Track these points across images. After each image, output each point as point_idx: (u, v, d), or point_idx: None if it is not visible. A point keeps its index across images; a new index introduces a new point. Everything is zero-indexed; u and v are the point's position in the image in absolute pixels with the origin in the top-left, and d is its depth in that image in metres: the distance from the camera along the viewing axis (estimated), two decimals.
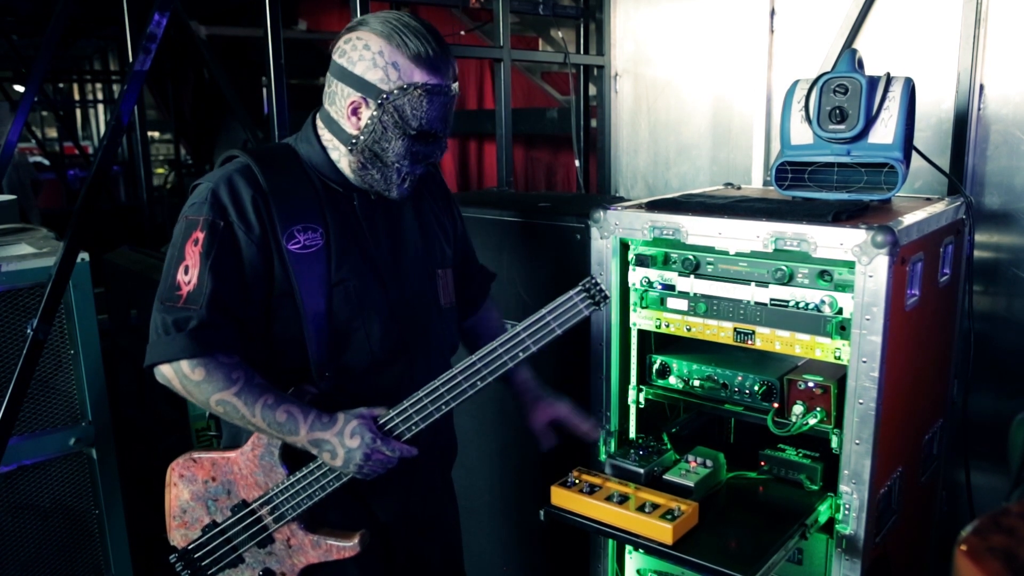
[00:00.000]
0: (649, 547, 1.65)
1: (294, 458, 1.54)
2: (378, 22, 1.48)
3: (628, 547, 2.16)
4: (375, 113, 1.48)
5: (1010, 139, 2.44)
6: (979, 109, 2.47)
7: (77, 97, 12.67)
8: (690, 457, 1.90)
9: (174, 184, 8.03)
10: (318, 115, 1.60)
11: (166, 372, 1.47)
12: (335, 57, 1.52)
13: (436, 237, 1.73)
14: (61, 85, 12.25)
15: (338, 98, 1.52)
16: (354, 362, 1.56)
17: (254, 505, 1.57)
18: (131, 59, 2.72)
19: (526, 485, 2.51)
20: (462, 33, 4.35)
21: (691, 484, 1.79)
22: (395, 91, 1.46)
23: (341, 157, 1.57)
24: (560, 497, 1.79)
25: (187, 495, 1.62)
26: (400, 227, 1.66)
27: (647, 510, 1.68)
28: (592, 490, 1.76)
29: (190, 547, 1.63)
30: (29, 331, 2.19)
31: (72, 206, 5.24)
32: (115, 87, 10.94)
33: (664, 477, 1.84)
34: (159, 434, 3.56)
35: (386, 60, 1.45)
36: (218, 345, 1.46)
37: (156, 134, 10.71)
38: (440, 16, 4.65)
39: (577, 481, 1.80)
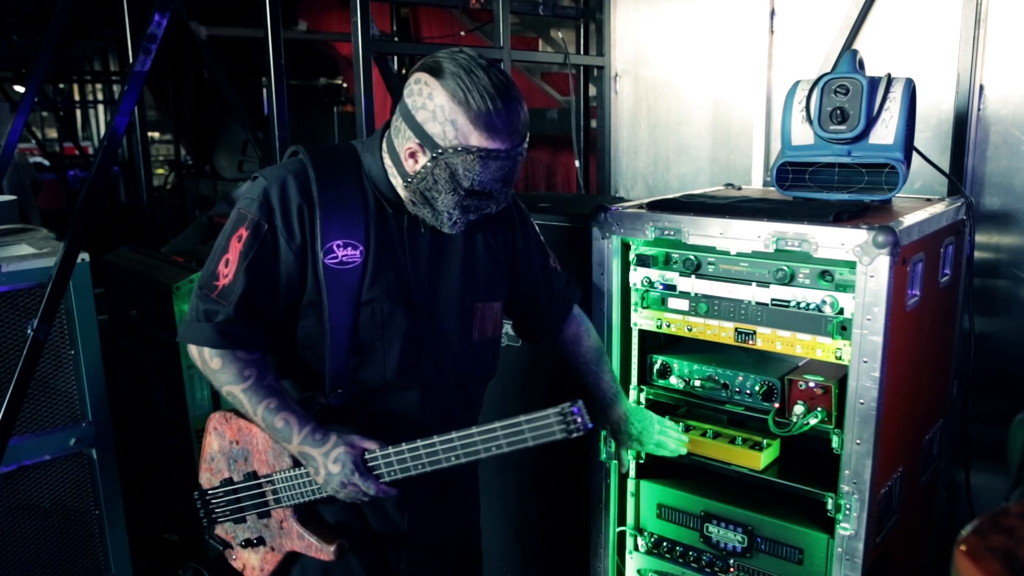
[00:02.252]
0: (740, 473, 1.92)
1: None
2: (449, 72, 1.43)
3: (628, 547, 2.16)
4: (428, 164, 1.47)
5: (1010, 140, 2.44)
6: (979, 110, 2.47)
7: (77, 97, 12.67)
8: None
9: (174, 185, 8.02)
10: (386, 136, 1.59)
11: (193, 353, 1.56)
12: (404, 94, 1.51)
13: (486, 269, 1.69)
14: (61, 85, 12.25)
15: (400, 136, 1.51)
16: (368, 382, 1.58)
17: (261, 479, 1.63)
18: (131, 60, 2.72)
19: (525, 486, 2.51)
20: (462, 33, 4.35)
21: None
22: (449, 150, 1.43)
23: (398, 186, 1.56)
24: None
25: (216, 447, 1.70)
26: (444, 255, 1.63)
27: (737, 443, 1.92)
28: (688, 429, 1.99)
29: (209, 491, 1.72)
30: (29, 331, 2.19)
31: (72, 206, 5.24)
32: (115, 87, 10.94)
33: None
34: (159, 434, 3.56)
35: (446, 116, 1.43)
36: (239, 342, 1.51)
37: (156, 134, 10.71)
38: (440, 16, 4.65)
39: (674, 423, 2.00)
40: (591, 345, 1.90)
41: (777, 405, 1.86)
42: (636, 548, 2.15)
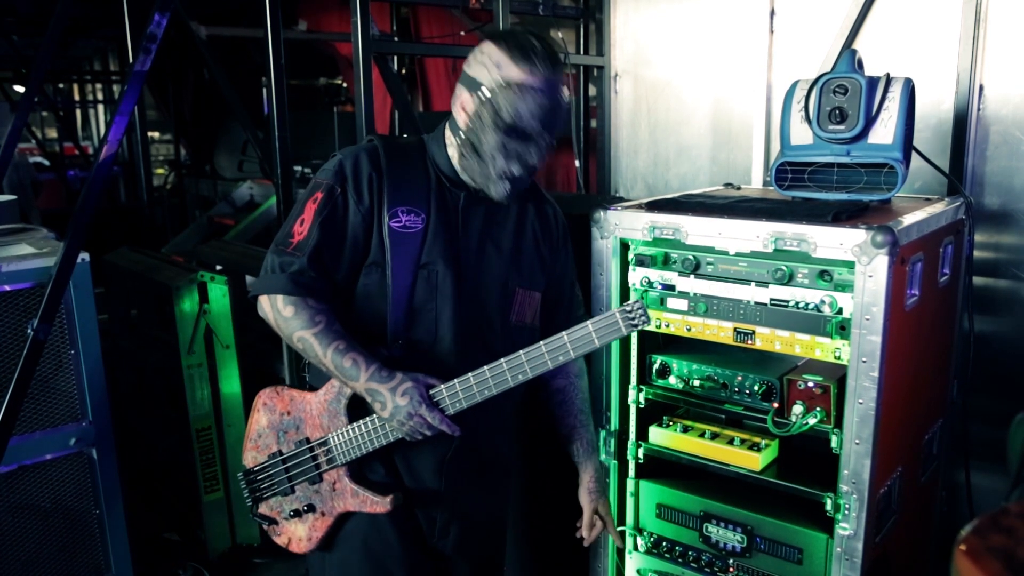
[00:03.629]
0: (738, 474, 1.93)
1: (357, 411, 1.68)
2: (501, 32, 1.66)
3: (628, 547, 2.16)
4: (476, 106, 1.63)
5: (1010, 139, 2.44)
6: (979, 109, 2.47)
7: (77, 97, 12.66)
8: None
9: (174, 184, 8.01)
10: (448, 123, 1.75)
11: (264, 304, 1.67)
12: (464, 66, 1.69)
13: (530, 259, 1.80)
14: (61, 85, 12.24)
15: (457, 99, 1.68)
16: (419, 340, 1.69)
17: (314, 443, 1.72)
18: (131, 59, 2.72)
19: (525, 485, 2.51)
20: (462, 33, 4.35)
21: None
22: (495, 87, 1.60)
23: (454, 153, 1.71)
24: (658, 436, 2.04)
25: (265, 422, 1.77)
26: (495, 236, 1.75)
27: (736, 444, 1.93)
28: (686, 430, 2.01)
29: (255, 468, 1.79)
30: (30, 331, 2.19)
31: (72, 206, 5.23)
32: (115, 87, 10.93)
33: None
34: (159, 434, 3.56)
35: (492, 61, 1.61)
36: (310, 290, 1.63)
37: (156, 134, 10.71)
38: (440, 16, 4.64)
39: (672, 423, 2.05)
40: (585, 385, 1.97)
41: (776, 405, 1.87)
42: (636, 548, 2.16)
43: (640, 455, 2.10)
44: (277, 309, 1.64)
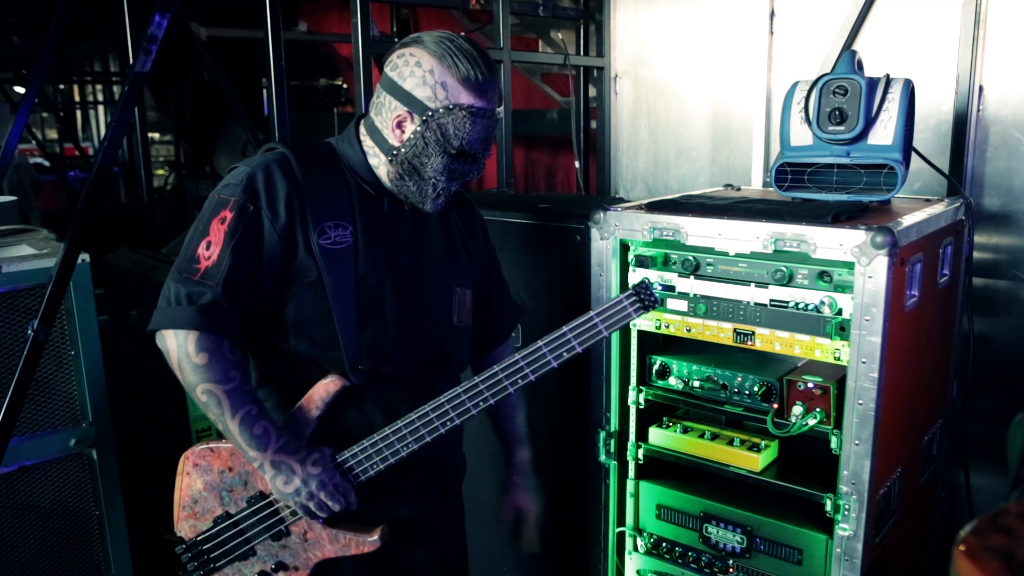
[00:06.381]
0: (738, 474, 1.93)
1: None
2: (432, 41, 1.51)
3: (628, 548, 2.16)
4: (419, 129, 1.52)
5: (1009, 140, 2.44)
6: (978, 110, 2.47)
7: (78, 98, 12.66)
8: None
9: (174, 185, 8.02)
10: (363, 121, 1.64)
11: (169, 342, 1.49)
12: (387, 70, 1.56)
13: (459, 255, 1.75)
14: (62, 86, 12.24)
15: (385, 109, 1.56)
16: (373, 358, 1.59)
17: (272, 497, 1.58)
18: (132, 60, 2.72)
19: None
20: (462, 34, 4.34)
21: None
22: (441, 110, 1.49)
23: (380, 164, 1.60)
24: (658, 436, 2.04)
25: (200, 485, 1.62)
26: (425, 238, 1.68)
27: (735, 444, 1.93)
28: (686, 431, 2.01)
29: (199, 538, 1.64)
30: (30, 332, 2.19)
31: (72, 207, 5.23)
32: (116, 88, 10.94)
33: None
34: (159, 434, 3.56)
35: (435, 79, 1.49)
36: (222, 327, 1.47)
37: (156, 135, 10.71)
38: (440, 17, 4.65)
39: (672, 424, 2.05)
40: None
41: (776, 406, 1.87)
42: (635, 549, 2.16)
43: (640, 456, 2.10)
44: (186, 352, 1.47)
